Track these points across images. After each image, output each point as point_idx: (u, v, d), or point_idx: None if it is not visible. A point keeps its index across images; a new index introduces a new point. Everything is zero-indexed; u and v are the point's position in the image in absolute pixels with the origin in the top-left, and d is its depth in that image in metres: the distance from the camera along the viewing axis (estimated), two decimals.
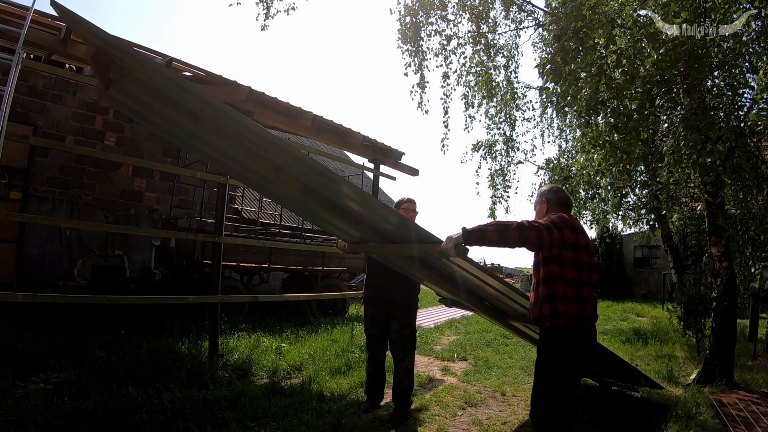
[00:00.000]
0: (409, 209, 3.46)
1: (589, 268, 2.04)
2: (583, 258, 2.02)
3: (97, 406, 2.85)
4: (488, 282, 2.72)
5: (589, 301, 2.02)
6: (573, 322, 1.98)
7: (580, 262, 2.01)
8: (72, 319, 5.06)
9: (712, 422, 3.36)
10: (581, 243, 2.03)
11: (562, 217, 2.08)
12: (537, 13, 7.08)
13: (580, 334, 2.03)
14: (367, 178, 11.88)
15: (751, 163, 5.00)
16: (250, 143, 2.17)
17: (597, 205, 7.69)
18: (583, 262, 2.02)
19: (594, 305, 2.06)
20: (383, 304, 3.43)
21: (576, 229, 2.05)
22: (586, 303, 2.01)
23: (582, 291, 2.00)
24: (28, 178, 6.60)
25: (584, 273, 2.02)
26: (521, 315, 3.19)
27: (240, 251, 6.53)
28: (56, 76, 6.57)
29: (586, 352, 2.06)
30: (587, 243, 2.08)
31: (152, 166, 6.13)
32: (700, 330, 5.82)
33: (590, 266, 2.05)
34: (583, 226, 2.14)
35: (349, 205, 2.35)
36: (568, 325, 1.99)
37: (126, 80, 2.17)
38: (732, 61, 3.85)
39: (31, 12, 3.53)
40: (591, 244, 2.11)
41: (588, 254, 2.05)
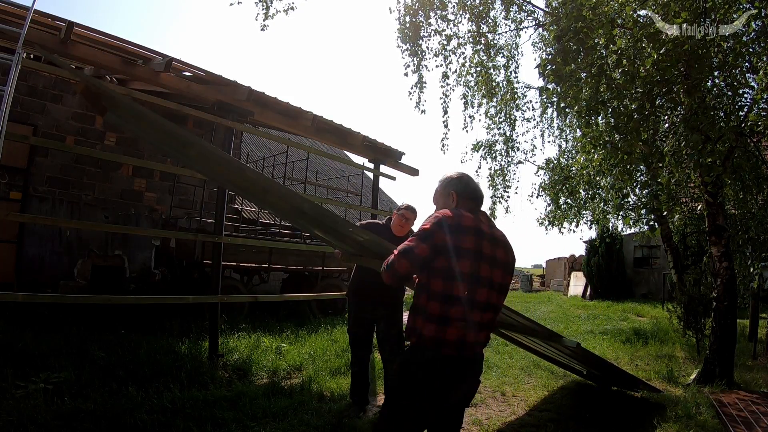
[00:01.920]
0: (405, 216, 3.37)
1: (473, 280, 1.53)
2: (464, 267, 1.52)
3: (97, 406, 2.85)
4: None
5: (455, 325, 1.51)
6: (425, 344, 1.54)
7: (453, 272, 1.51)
8: (72, 319, 5.05)
9: (712, 422, 3.36)
10: (465, 247, 1.54)
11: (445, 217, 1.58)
12: (537, 13, 7.08)
13: (428, 364, 1.53)
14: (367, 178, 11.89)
15: (751, 163, 5.00)
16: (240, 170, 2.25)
17: (597, 205, 7.69)
18: (465, 272, 1.52)
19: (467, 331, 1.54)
20: (366, 302, 3.35)
21: (463, 230, 1.56)
22: (449, 325, 1.51)
23: (448, 309, 1.51)
24: (28, 178, 6.60)
25: (458, 287, 1.51)
26: (510, 325, 3.18)
27: (240, 251, 6.53)
28: (56, 76, 6.57)
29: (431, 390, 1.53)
30: (480, 249, 1.56)
31: (152, 166, 6.13)
32: (700, 330, 5.82)
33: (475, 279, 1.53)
34: (490, 230, 1.64)
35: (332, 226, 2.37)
36: (418, 348, 1.57)
37: (118, 110, 2.24)
38: (732, 61, 3.85)
39: (31, 12, 3.53)
40: (494, 253, 1.59)
41: (474, 263, 1.54)
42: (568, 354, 3.72)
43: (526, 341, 3.78)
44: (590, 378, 4.42)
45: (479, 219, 1.65)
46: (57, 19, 4.45)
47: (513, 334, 3.55)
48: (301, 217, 2.37)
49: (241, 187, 2.77)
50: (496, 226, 1.72)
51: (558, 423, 3.32)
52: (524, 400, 3.88)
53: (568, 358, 3.89)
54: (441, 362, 1.53)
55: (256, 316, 6.67)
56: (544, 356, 4.35)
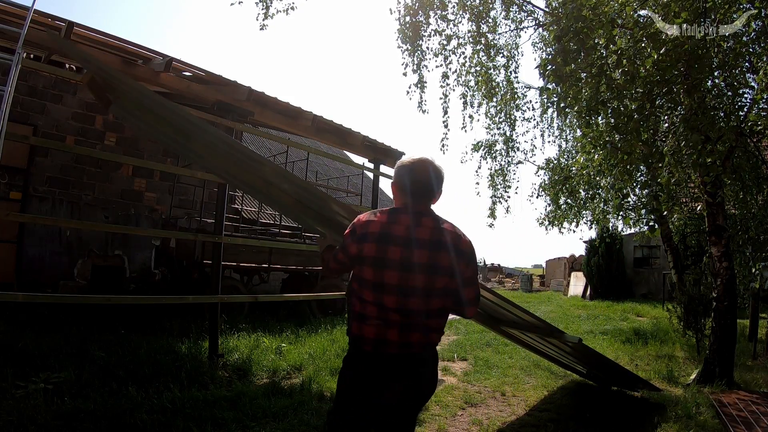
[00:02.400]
0: None
1: (376, 287, 1.52)
2: (367, 274, 1.53)
3: (97, 406, 2.85)
4: (484, 295, 2.74)
5: (371, 323, 1.53)
6: (351, 341, 1.61)
7: (362, 277, 1.55)
8: (72, 319, 5.05)
9: (712, 422, 3.36)
10: (366, 255, 1.53)
11: (356, 225, 1.58)
12: (537, 13, 7.08)
13: (351, 360, 1.60)
14: (367, 178, 11.89)
15: (751, 163, 5.00)
16: (239, 159, 2.24)
17: (597, 205, 7.69)
18: (368, 279, 1.53)
19: (387, 329, 1.52)
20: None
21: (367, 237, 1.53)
22: (366, 323, 1.54)
23: (365, 308, 1.55)
24: (28, 178, 6.59)
25: (367, 292, 1.54)
26: (513, 322, 3.19)
27: (240, 251, 6.53)
28: (56, 77, 6.57)
29: (358, 386, 1.56)
30: (384, 256, 1.51)
31: (152, 166, 6.13)
32: (700, 330, 5.82)
33: (379, 286, 1.52)
34: (409, 232, 1.54)
35: (338, 219, 2.36)
36: (349, 345, 1.63)
37: (122, 100, 2.24)
38: (732, 61, 3.85)
39: (31, 12, 3.53)
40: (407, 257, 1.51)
41: (377, 270, 1.51)
42: (569, 353, 3.73)
43: (528, 339, 3.77)
44: (591, 378, 4.42)
45: (395, 220, 1.55)
46: (57, 19, 4.45)
47: (515, 331, 3.55)
48: (304, 210, 2.37)
49: (245, 181, 2.78)
50: (430, 224, 1.55)
51: (558, 423, 3.32)
52: (524, 400, 3.88)
53: (569, 357, 3.90)
54: (361, 358, 1.56)
55: (256, 316, 6.67)
56: (545, 355, 4.35)
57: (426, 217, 1.58)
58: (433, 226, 1.56)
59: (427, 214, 1.60)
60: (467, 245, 1.57)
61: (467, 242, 1.58)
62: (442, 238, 1.54)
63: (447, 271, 1.52)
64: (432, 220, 1.57)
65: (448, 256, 1.52)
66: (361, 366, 1.56)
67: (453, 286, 1.55)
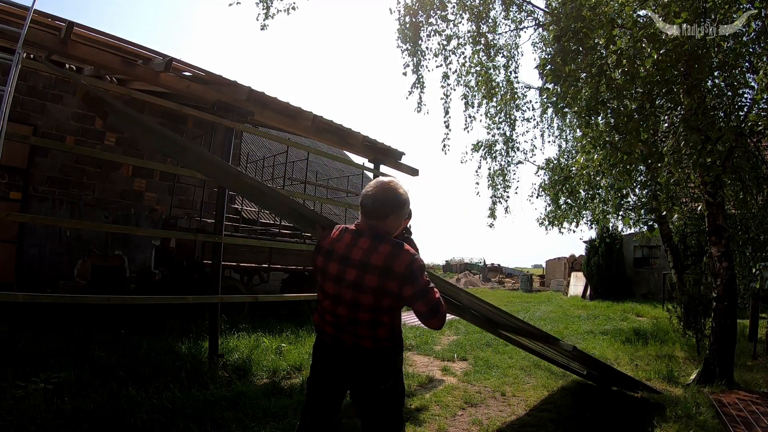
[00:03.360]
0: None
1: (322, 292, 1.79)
2: (316, 279, 1.83)
3: (97, 406, 2.85)
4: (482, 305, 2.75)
5: (326, 318, 1.78)
6: (316, 330, 1.89)
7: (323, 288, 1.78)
8: (72, 319, 5.06)
9: (712, 422, 3.36)
10: (317, 264, 1.80)
11: (322, 236, 1.84)
12: (537, 13, 7.08)
13: (315, 348, 1.87)
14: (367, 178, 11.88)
15: (751, 163, 5.00)
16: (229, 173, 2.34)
17: (597, 205, 7.69)
18: (318, 284, 1.82)
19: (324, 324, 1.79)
20: None
21: (319, 249, 1.80)
22: (324, 317, 1.79)
23: (321, 303, 1.81)
24: (28, 178, 6.60)
25: (319, 294, 1.82)
26: (509, 326, 3.19)
27: (240, 251, 6.53)
28: (56, 76, 6.57)
29: (319, 372, 1.82)
30: (326, 268, 1.74)
31: (152, 166, 6.13)
32: (700, 330, 5.82)
33: (323, 292, 1.78)
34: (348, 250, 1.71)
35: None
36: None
37: (118, 115, 2.30)
38: (732, 61, 3.85)
39: (31, 12, 3.53)
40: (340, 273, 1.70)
41: (322, 279, 1.77)
42: (567, 355, 3.73)
43: (526, 342, 3.78)
44: (590, 378, 4.42)
45: (340, 238, 1.76)
46: (57, 19, 4.45)
47: (512, 335, 3.56)
48: (300, 219, 2.40)
49: (240, 189, 2.83)
50: (365, 246, 1.68)
51: (558, 423, 3.32)
52: (524, 400, 3.88)
53: (567, 359, 3.90)
54: (321, 347, 1.83)
55: (256, 316, 6.68)
56: (544, 357, 4.35)
57: (364, 238, 1.71)
58: (368, 247, 1.68)
59: (367, 235, 1.72)
60: (403, 266, 1.63)
61: (404, 263, 1.63)
62: (370, 261, 1.65)
63: (373, 291, 1.64)
64: (369, 242, 1.69)
65: (375, 277, 1.63)
66: (319, 353, 1.85)
67: (385, 304, 1.66)
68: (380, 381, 1.77)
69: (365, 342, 1.72)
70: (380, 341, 1.73)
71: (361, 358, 1.74)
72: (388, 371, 1.79)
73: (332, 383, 1.80)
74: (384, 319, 1.71)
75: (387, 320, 1.72)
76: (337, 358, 1.78)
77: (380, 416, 1.79)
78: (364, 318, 1.69)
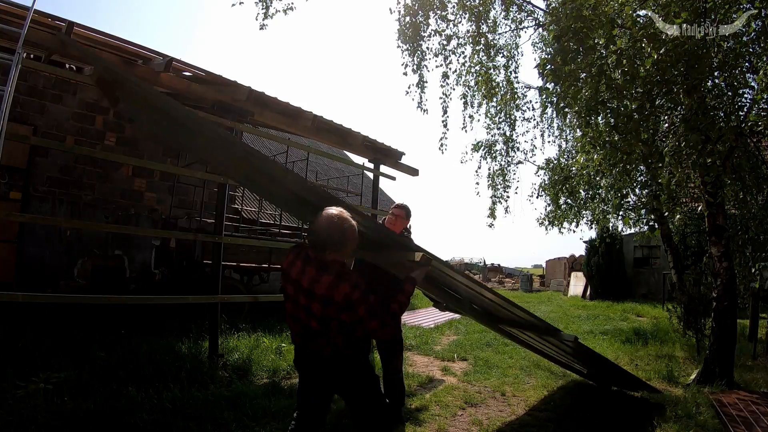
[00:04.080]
0: (394, 214, 3.34)
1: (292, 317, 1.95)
2: (287, 306, 1.95)
3: (97, 406, 2.85)
4: (484, 294, 2.75)
5: (294, 329, 1.97)
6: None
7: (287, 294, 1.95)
8: (72, 319, 5.05)
9: (712, 422, 3.36)
10: (282, 284, 1.98)
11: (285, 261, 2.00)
12: (537, 13, 7.08)
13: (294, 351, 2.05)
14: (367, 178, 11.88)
15: (751, 163, 4.99)
16: (240, 156, 2.28)
17: (597, 205, 7.68)
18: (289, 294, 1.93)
19: (298, 337, 1.96)
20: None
21: (284, 275, 1.96)
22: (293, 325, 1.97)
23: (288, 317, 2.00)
24: (28, 178, 6.59)
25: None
26: (512, 320, 3.19)
27: (240, 251, 6.53)
28: (56, 76, 6.57)
29: (299, 371, 2.04)
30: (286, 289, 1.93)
31: (152, 166, 6.13)
32: (700, 330, 5.82)
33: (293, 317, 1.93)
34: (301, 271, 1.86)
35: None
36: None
37: (131, 99, 2.34)
38: (732, 61, 3.85)
39: (31, 12, 3.53)
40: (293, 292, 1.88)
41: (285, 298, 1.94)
42: (569, 352, 3.73)
43: (528, 339, 3.77)
44: (591, 378, 4.42)
45: (293, 263, 1.90)
46: (57, 19, 4.45)
47: (515, 330, 3.54)
48: (303, 205, 2.38)
49: (247, 176, 2.81)
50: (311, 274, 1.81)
51: (558, 423, 3.32)
52: (524, 400, 3.88)
53: (569, 357, 3.90)
54: (295, 353, 2.02)
55: (256, 316, 6.68)
56: (545, 355, 4.35)
57: (310, 267, 1.84)
58: (312, 277, 1.81)
59: (313, 263, 1.84)
60: (342, 295, 1.75)
61: (343, 293, 1.75)
62: (315, 289, 1.79)
63: (319, 317, 1.80)
64: (315, 271, 1.82)
65: (319, 305, 1.78)
66: (295, 356, 2.04)
67: (333, 326, 1.80)
68: (346, 382, 1.94)
69: (326, 350, 1.86)
70: (341, 349, 1.86)
71: (324, 364, 1.90)
72: (352, 374, 1.93)
73: (307, 384, 2.00)
74: (337, 337, 1.84)
75: (340, 337, 1.84)
76: (305, 363, 1.98)
77: (359, 405, 1.99)
78: (316, 334, 1.84)
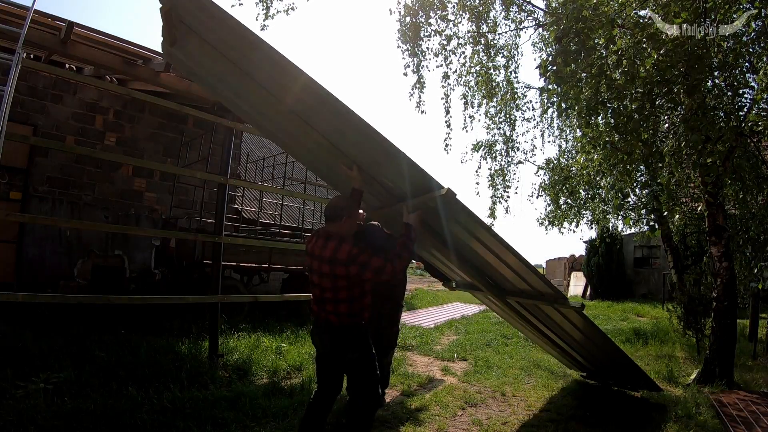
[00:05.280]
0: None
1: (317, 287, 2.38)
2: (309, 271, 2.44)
3: (97, 406, 2.85)
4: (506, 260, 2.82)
5: (313, 300, 2.43)
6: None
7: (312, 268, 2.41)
8: (72, 319, 5.05)
9: (712, 422, 3.36)
10: (307, 263, 2.48)
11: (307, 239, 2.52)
12: (537, 13, 7.07)
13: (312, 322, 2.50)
14: None
15: (751, 163, 4.99)
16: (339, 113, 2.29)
17: (597, 205, 7.68)
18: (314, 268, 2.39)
19: (316, 306, 2.42)
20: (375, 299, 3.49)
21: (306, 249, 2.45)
22: (312, 299, 2.45)
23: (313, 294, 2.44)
24: (28, 178, 6.59)
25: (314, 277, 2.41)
26: (521, 291, 3.24)
27: (240, 251, 6.53)
28: (56, 77, 6.57)
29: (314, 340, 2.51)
30: (310, 265, 2.40)
31: (152, 166, 6.13)
32: (700, 330, 5.82)
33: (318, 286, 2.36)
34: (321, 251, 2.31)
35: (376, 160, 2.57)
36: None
37: (192, 40, 2.45)
38: (732, 61, 3.85)
39: (31, 12, 3.53)
40: (318, 267, 2.32)
41: (309, 271, 2.43)
42: (574, 347, 3.74)
43: (534, 321, 3.74)
44: (591, 376, 4.42)
45: (314, 241, 2.38)
46: (57, 19, 4.46)
47: (520, 303, 3.51)
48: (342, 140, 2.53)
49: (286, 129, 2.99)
50: (332, 246, 2.25)
51: (558, 423, 3.32)
52: (524, 400, 3.88)
53: (575, 345, 3.87)
54: (313, 321, 2.49)
55: (256, 316, 6.67)
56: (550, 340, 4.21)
57: (322, 239, 2.34)
58: (333, 247, 2.26)
59: (333, 238, 2.30)
60: (345, 253, 2.22)
61: (346, 251, 2.22)
62: (324, 254, 2.27)
63: (328, 274, 2.27)
64: (334, 243, 2.27)
65: (328, 266, 2.25)
66: (312, 326, 2.51)
67: (354, 282, 2.26)
68: (349, 351, 2.33)
69: (332, 318, 2.31)
70: (344, 318, 2.29)
71: (331, 331, 2.35)
72: (353, 343, 2.33)
73: (320, 355, 2.47)
74: (341, 306, 2.29)
75: (345, 305, 2.28)
76: (318, 332, 2.43)
77: (357, 377, 2.36)
78: (341, 296, 2.27)
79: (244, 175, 10.44)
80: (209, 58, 2.53)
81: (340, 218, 2.36)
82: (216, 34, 2.28)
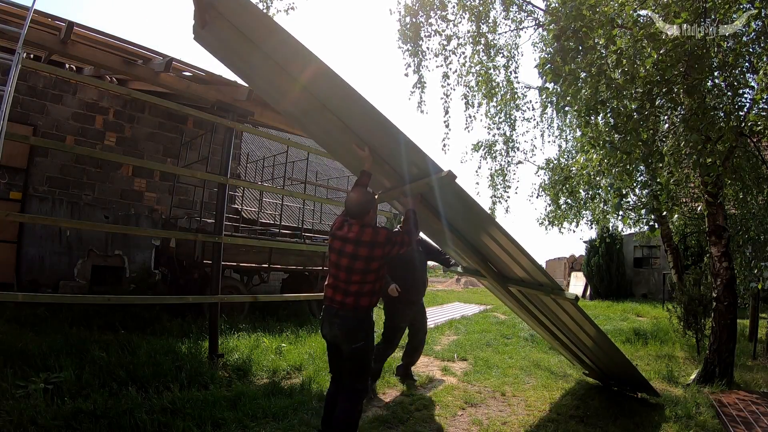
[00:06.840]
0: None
1: (333, 265, 2.57)
2: (332, 257, 2.59)
3: (97, 406, 2.85)
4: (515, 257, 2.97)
5: (329, 283, 2.58)
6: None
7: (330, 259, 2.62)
8: (72, 319, 5.05)
9: (712, 422, 3.36)
10: (331, 244, 2.62)
11: (335, 222, 2.68)
12: (537, 13, 7.07)
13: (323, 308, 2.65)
14: None
15: (751, 163, 4.99)
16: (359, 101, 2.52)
17: (597, 205, 7.68)
18: (332, 261, 2.58)
19: (330, 290, 2.56)
20: (415, 301, 4.12)
21: (331, 233, 2.65)
22: (327, 286, 2.60)
23: (329, 278, 2.61)
24: (28, 178, 6.60)
25: (329, 268, 2.61)
26: (521, 279, 3.30)
27: (240, 251, 6.53)
28: (56, 77, 6.57)
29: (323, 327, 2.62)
30: (334, 246, 2.56)
31: (152, 166, 6.13)
32: (700, 330, 5.82)
33: (334, 265, 2.55)
34: (347, 232, 2.53)
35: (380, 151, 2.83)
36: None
37: (220, 23, 2.68)
38: (732, 61, 3.85)
39: (31, 12, 3.53)
40: (343, 248, 2.51)
41: (334, 255, 2.55)
42: (578, 345, 3.74)
43: (537, 313, 3.75)
44: (592, 374, 4.42)
45: (339, 225, 2.59)
46: (57, 19, 4.46)
47: (521, 292, 3.52)
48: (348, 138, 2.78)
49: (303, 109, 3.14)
50: (355, 230, 2.49)
51: (558, 423, 3.32)
52: (524, 400, 3.88)
53: (573, 343, 3.87)
54: (324, 307, 2.62)
55: (256, 316, 6.67)
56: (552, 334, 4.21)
57: (355, 226, 2.53)
58: (357, 230, 2.50)
59: (356, 223, 2.54)
60: (383, 237, 2.49)
61: (369, 233, 2.48)
62: (362, 237, 2.48)
63: (349, 254, 2.47)
64: (357, 227, 2.51)
65: (352, 246, 2.48)
66: (323, 312, 2.63)
67: (371, 266, 2.48)
68: (351, 337, 2.48)
69: (339, 306, 2.49)
70: (351, 306, 2.47)
71: (338, 317, 2.49)
72: (356, 330, 2.48)
73: (329, 345, 2.65)
74: (351, 291, 2.48)
75: (352, 298, 2.48)
76: (326, 319, 2.56)
77: (356, 365, 2.52)
78: (355, 279, 2.47)
79: (244, 175, 10.44)
80: (236, 41, 2.79)
81: (367, 212, 2.58)
82: (241, 18, 2.57)
